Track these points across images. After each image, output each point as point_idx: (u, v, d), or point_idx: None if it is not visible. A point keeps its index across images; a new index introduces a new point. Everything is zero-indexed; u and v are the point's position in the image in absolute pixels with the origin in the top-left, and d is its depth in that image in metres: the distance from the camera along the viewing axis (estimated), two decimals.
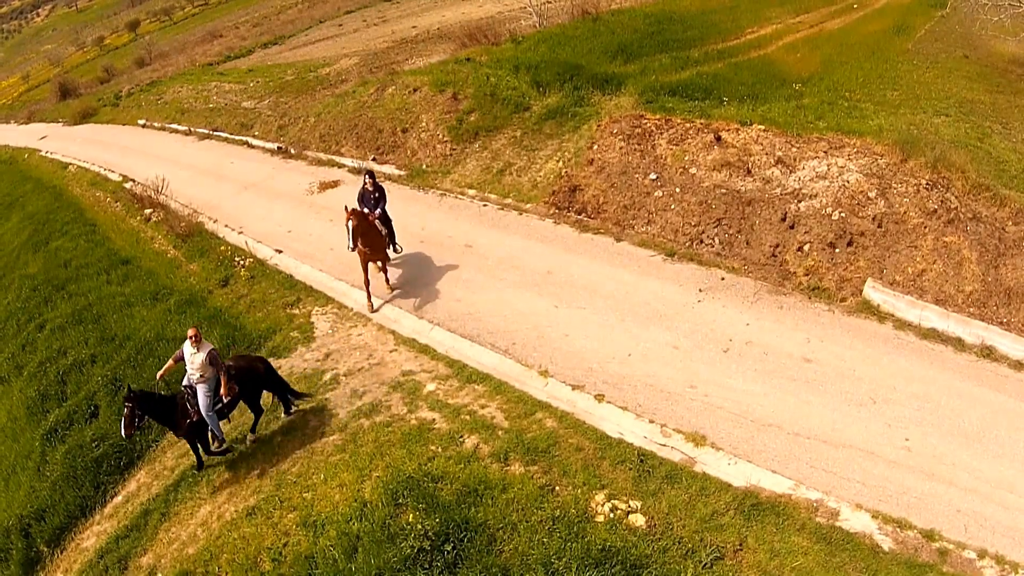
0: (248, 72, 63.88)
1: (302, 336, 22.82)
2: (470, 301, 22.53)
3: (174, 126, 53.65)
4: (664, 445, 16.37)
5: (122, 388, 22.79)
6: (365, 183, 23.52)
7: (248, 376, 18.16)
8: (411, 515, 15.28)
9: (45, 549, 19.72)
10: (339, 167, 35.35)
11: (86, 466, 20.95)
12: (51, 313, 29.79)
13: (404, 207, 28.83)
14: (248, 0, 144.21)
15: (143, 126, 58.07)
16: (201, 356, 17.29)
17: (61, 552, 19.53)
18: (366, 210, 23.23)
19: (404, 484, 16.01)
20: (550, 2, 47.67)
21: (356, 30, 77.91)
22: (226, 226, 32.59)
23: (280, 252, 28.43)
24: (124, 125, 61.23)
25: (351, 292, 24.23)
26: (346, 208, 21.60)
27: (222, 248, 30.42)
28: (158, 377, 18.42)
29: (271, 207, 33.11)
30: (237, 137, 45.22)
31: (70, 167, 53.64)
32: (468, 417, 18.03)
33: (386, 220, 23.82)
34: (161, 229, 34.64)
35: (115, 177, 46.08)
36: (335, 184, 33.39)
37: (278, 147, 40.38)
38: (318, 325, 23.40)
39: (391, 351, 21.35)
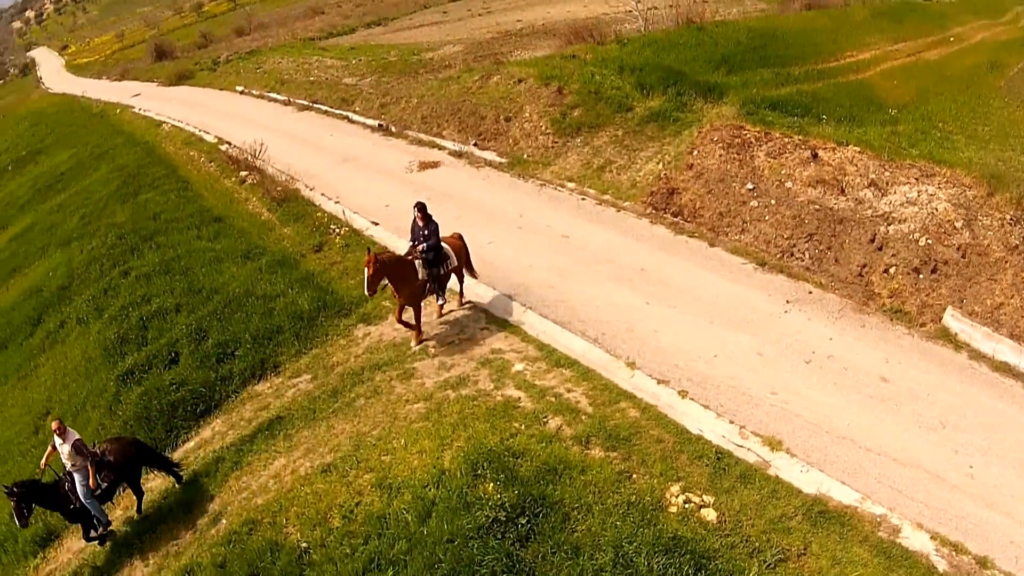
0: (350, 50, 65.25)
1: (393, 306, 23.55)
2: (564, 289, 23.24)
3: (273, 95, 55.21)
4: (741, 446, 16.88)
5: (206, 339, 23.92)
6: (416, 216, 21.63)
7: (122, 460, 18.37)
8: (489, 486, 15.90)
9: None
10: (440, 149, 36.48)
11: (160, 409, 22.08)
12: (137, 262, 31.13)
13: (503, 194, 30.01)
14: None
15: (241, 93, 59.79)
16: (67, 447, 17.55)
17: (123, 490, 20.28)
18: (419, 246, 21.42)
19: (485, 456, 16.64)
20: (655, 8, 48.31)
21: (460, 19, 79.17)
22: (323, 195, 33.84)
23: (376, 224, 29.45)
24: (221, 90, 63.01)
25: None
26: (368, 251, 20.61)
27: (318, 215, 31.65)
28: (41, 465, 18.53)
29: (369, 181, 34.25)
30: (337, 111, 46.61)
31: (164, 125, 55.41)
32: (553, 399, 18.67)
33: (437, 260, 21.76)
34: (256, 192, 36.07)
35: (210, 139, 47.76)
36: (435, 165, 34.54)
37: (379, 124, 41.60)
38: None
39: (482, 328, 22.17)
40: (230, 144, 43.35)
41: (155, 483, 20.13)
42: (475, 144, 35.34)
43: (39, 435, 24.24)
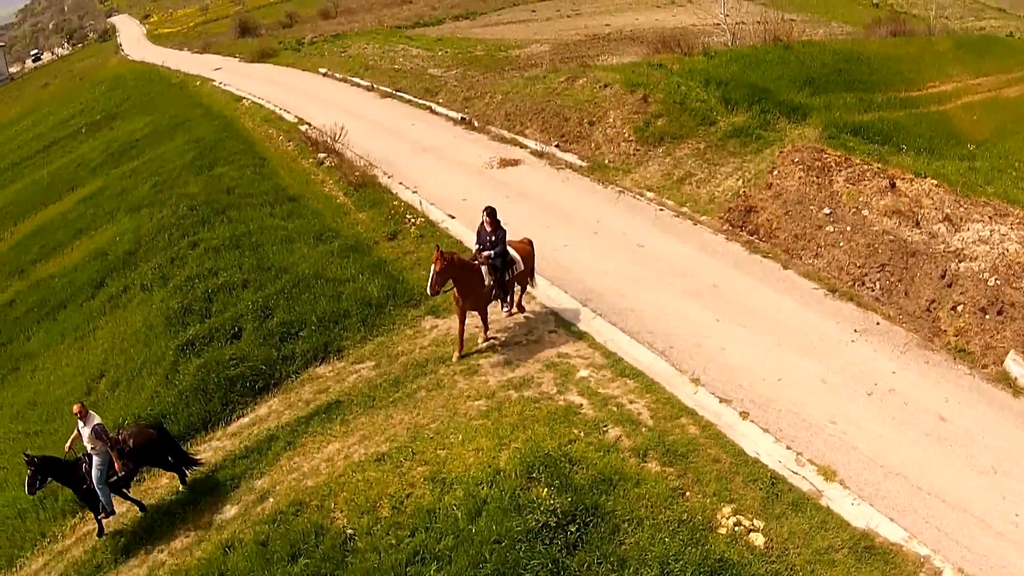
0: (437, 41, 66.11)
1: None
2: (635, 298, 23.49)
3: (357, 80, 56.00)
4: (796, 473, 16.97)
5: (271, 317, 24.36)
6: (483, 220, 21.67)
7: (144, 446, 18.62)
8: (543, 491, 16.12)
9: None
10: (521, 147, 36.86)
11: (218, 382, 22.48)
12: (207, 234, 31.76)
13: (582, 197, 30.40)
14: None
15: (324, 75, 60.68)
16: (87, 430, 17.95)
17: (146, 472, 20.73)
18: (484, 252, 21.43)
19: (541, 460, 16.85)
20: (743, 23, 48.49)
21: (548, 19, 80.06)
22: (400, 183, 34.45)
23: (453, 217, 29.90)
24: (304, 71, 63.98)
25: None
26: (436, 248, 20.72)
27: (394, 204, 32.21)
28: (66, 448, 18.82)
29: (448, 173, 34.79)
30: (420, 101, 47.22)
31: (243, 101, 56.43)
32: (615, 409, 18.88)
33: (504, 265, 21.71)
34: (333, 175, 36.77)
35: (290, 118, 48.75)
36: (516, 163, 34.96)
37: (461, 117, 42.20)
38: None
39: (551, 331, 22.41)
40: (310, 125, 44.23)
41: (205, 455, 20.53)
42: (557, 145, 35.71)
43: (91, 396, 24.77)
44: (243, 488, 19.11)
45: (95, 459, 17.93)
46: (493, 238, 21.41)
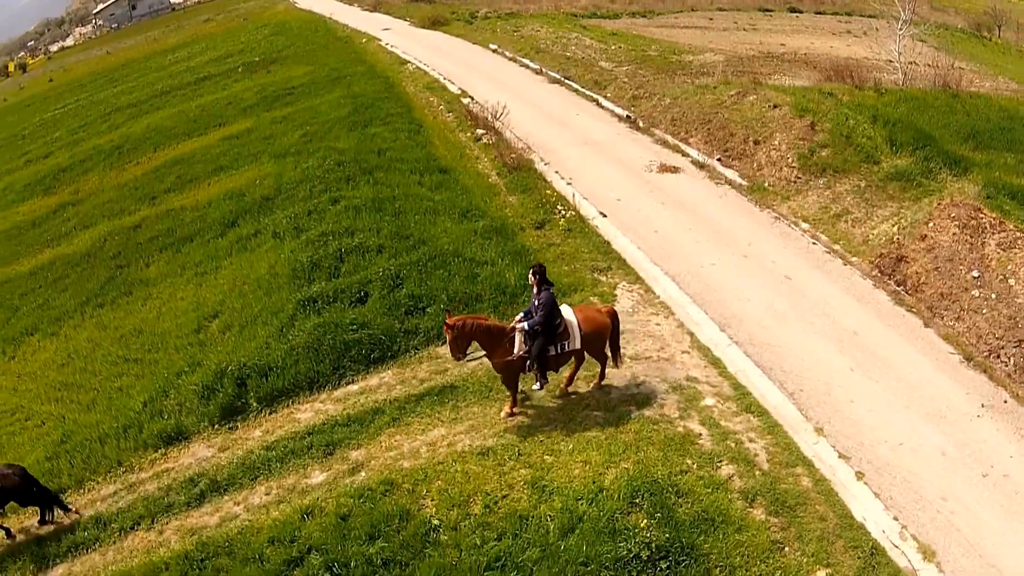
0: (612, 35, 65.87)
1: (601, 305, 23.18)
2: (774, 332, 22.99)
3: (526, 61, 56.03)
4: (896, 547, 16.37)
5: (400, 287, 24.37)
6: (530, 280, 19.55)
7: (7, 487, 18.86)
8: (643, 520, 15.92)
9: (255, 404, 21.57)
10: (683, 155, 36.30)
11: (333, 345, 22.59)
12: (350, 192, 32.09)
13: (736, 217, 29.90)
14: None
15: (494, 51, 60.88)
16: None
17: (270, 413, 21.31)
18: (518, 323, 19.07)
19: (648, 487, 16.64)
20: (915, 63, 47.36)
21: (725, 29, 79.52)
22: (556, 172, 34.36)
23: (604, 216, 29.70)
24: (474, 44, 64.34)
25: (662, 279, 25.19)
26: (447, 313, 19.28)
27: (547, 192, 32.11)
28: None
29: (606, 170, 34.53)
30: (588, 92, 46.96)
31: (408, 65, 57.16)
32: (733, 445, 18.48)
33: (548, 336, 18.94)
34: (489, 153, 36.95)
35: (453, 89, 49.23)
36: (675, 170, 34.39)
37: (627, 115, 41.79)
38: (621, 300, 24.29)
39: (683, 352, 22.01)
40: (472, 99, 44.64)
41: (305, 416, 20.86)
42: (719, 159, 35.22)
43: (200, 334, 25.50)
44: (336, 456, 19.29)
45: None
46: (536, 301, 19.05)
